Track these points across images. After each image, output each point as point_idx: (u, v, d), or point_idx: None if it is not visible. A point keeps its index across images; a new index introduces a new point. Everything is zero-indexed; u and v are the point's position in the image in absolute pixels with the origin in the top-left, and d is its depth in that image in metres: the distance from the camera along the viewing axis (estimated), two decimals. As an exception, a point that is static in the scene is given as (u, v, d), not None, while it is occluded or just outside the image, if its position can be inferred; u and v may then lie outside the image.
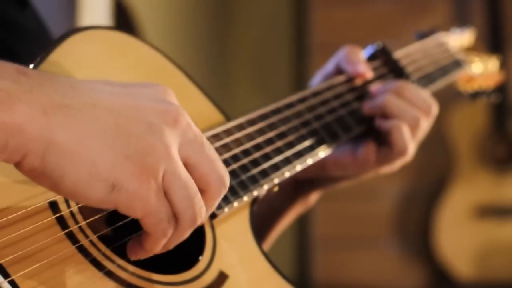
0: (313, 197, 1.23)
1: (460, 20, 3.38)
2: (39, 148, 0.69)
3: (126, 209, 0.73)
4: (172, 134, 0.74)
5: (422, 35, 1.35)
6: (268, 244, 1.21)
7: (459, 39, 1.38)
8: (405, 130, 1.12)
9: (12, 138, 0.68)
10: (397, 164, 1.17)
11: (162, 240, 0.76)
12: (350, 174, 1.16)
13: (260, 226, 1.19)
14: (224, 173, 0.78)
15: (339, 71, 1.18)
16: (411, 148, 1.13)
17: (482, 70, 1.37)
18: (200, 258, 0.88)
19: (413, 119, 1.13)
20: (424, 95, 1.16)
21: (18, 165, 0.70)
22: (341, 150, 1.15)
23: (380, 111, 1.13)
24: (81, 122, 0.71)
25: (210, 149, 0.77)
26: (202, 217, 0.77)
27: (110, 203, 0.72)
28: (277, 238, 1.24)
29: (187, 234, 0.78)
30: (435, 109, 1.16)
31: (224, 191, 0.78)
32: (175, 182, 0.74)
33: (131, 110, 0.73)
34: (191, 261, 0.87)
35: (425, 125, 1.15)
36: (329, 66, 1.19)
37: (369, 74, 1.17)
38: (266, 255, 0.94)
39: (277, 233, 1.23)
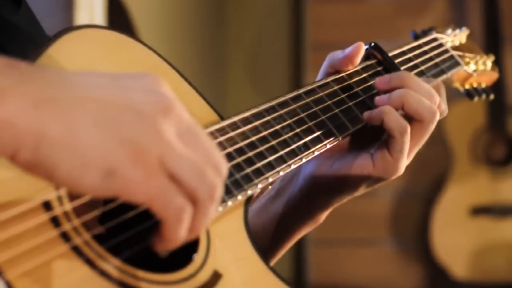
0: (324, 215, 1.22)
1: (457, 18, 3.38)
2: (31, 141, 0.69)
3: (126, 195, 0.72)
4: (165, 122, 0.74)
5: (418, 35, 1.34)
6: (273, 261, 1.20)
7: (454, 38, 1.38)
8: (394, 111, 1.10)
9: (3, 132, 0.68)
10: (411, 150, 1.14)
11: (178, 224, 0.75)
12: (372, 176, 1.14)
13: (269, 245, 1.18)
14: (221, 161, 0.77)
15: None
16: (409, 127, 1.10)
17: (477, 69, 1.37)
18: (194, 257, 0.88)
19: (395, 98, 1.11)
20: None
21: (10, 158, 0.70)
22: (353, 154, 1.14)
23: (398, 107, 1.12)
24: (72, 114, 0.71)
25: (204, 137, 0.77)
26: (220, 188, 0.76)
27: (106, 190, 0.72)
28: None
29: (210, 212, 0.76)
30: (410, 77, 1.14)
31: (222, 180, 0.77)
32: (178, 162, 0.73)
33: (123, 101, 0.73)
34: (185, 260, 0.87)
35: (413, 96, 1.13)
36: (320, 75, 1.18)
37: (361, 47, 1.17)
38: (260, 254, 0.94)
39: (283, 252, 1.22)
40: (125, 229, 0.83)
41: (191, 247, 0.88)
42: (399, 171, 1.14)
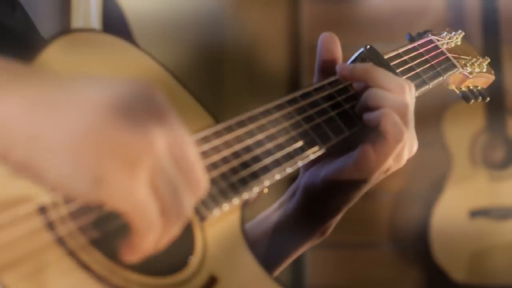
0: (328, 227, 1.22)
1: (455, 21, 3.38)
2: (24, 142, 0.69)
3: (111, 202, 0.73)
4: (158, 132, 0.74)
5: (413, 37, 1.34)
6: (276, 272, 1.20)
7: (450, 40, 1.38)
8: (394, 115, 1.08)
9: None
10: (403, 156, 1.12)
11: (148, 236, 0.76)
12: (358, 179, 1.13)
13: (270, 254, 1.18)
14: (201, 179, 0.78)
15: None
16: (406, 133, 1.09)
17: (473, 71, 1.37)
18: (190, 261, 0.88)
19: (398, 104, 1.09)
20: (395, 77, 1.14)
21: (2, 157, 0.70)
22: (341, 159, 1.13)
23: (365, 106, 1.11)
24: (66, 118, 0.71)
25: (191, 151, 0.78)
26: (189, 212, 0.78)
27: (94, 196, 0.72)
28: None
29: (174, 230, 0.78)
30: (408, 88, 1.13)
31: (197, 198, 0.79)
32: (162, 176, 0.74)
33: (118, 108, 0.74)
34: (181, 264, 0.87)
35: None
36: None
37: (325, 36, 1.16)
38: (257, 258, 0.94)
39: (287, 262, 1.22)
40: (122, 234, 0.82)
41: (187, 251, 0.88)
42: (380, 171, 1.12)
